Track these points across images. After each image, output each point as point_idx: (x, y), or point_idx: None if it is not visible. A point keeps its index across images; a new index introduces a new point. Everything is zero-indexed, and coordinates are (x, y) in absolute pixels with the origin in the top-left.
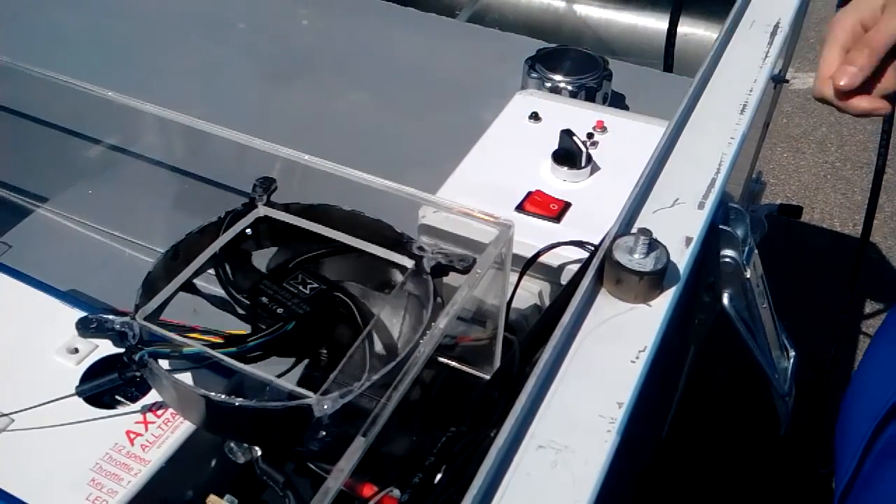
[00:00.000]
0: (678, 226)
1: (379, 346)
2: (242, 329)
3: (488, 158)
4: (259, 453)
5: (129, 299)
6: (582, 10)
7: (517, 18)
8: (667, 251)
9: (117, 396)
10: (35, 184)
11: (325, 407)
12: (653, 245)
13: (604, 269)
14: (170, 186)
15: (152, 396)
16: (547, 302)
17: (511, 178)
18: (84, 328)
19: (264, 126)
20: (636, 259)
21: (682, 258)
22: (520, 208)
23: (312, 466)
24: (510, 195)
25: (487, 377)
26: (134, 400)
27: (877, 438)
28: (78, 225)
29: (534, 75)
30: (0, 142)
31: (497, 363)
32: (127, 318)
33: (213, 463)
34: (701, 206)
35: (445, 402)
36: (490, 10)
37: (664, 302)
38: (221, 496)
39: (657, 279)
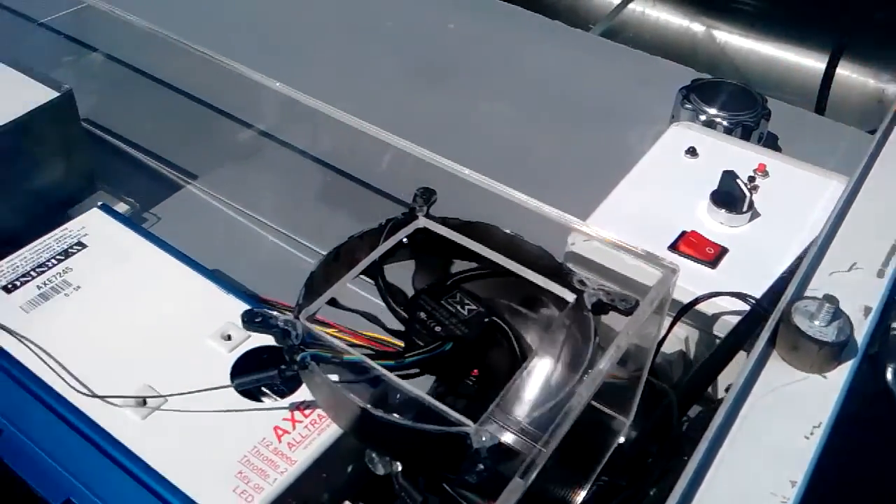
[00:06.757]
0: (855, 293)
1: (536, 382)
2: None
3: (641, 190)
4: (399, 468)
5: (268, 287)
6: (722, 36)
7: (653, 39)
8: (850, 322)
9: (264, 388)
10: (187, 160)
11: (484, 439)
12: (837, 314)
13: (778, 331)
14: (312, 177)
15: (300, 394)
16: (693, 349)
17: (664, 215)
18: (249, 321)
19: (402, 126)
20: (817, 326)
21: (860, 329)
22: (673, 248)
23: (451, 492)
24: (663, 232)
25: (623, 419)
26: (281, 395)
27: None
28: (223, 205)
29: (687, 106)
30: (161, 117)
31: (635, 406)
32: (290, 317)
33: (350, 469)
34: (881, 273)
35: (581, 443)
36: (626, 28)
37: (841, 375)
38: (355, 503)
39: (837, 350)
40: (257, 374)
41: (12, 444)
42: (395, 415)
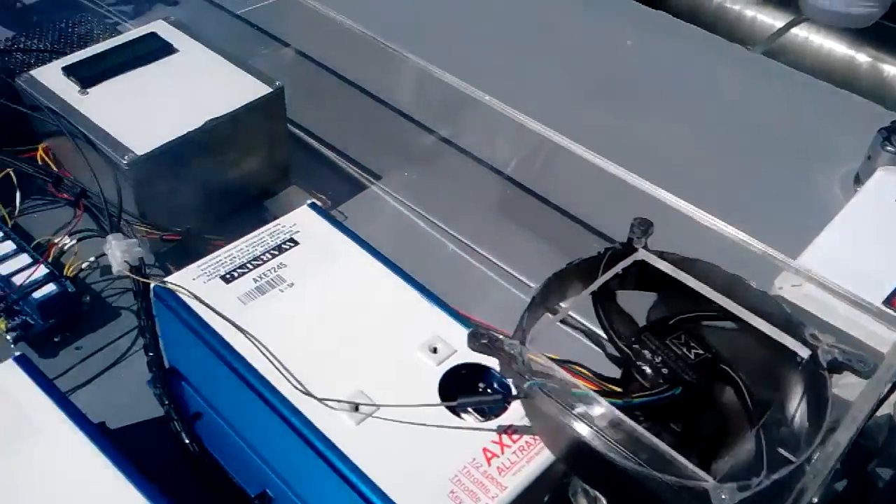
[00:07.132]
0: None
1: (772, 442)
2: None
3: (850, 237)
4: None
5: (450, 294)
6: (890, 70)
7: (814, 65)
8: None
9: (469, 408)
10: (372, 160)
11: (724, 497)
12: None
13: None
14: (492, 187)
15: (505, 417)
16: None
17: (876, 266)
18: (475, 341)
19: (578, 142)
20: None
21: None
22: (888, 303)
23: None
24: (874, 285)
25: None
26: (486, 417)
27: None
28: (404, 207)
29: (889, 148)
30: (346, 116)
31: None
32: (515, 342)
33: (546, 498)
34: None
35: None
36: (786, 52)
37: None
38: None
39: None
40: (481, 396)
41: (210, 428)
42: (629, 461)
